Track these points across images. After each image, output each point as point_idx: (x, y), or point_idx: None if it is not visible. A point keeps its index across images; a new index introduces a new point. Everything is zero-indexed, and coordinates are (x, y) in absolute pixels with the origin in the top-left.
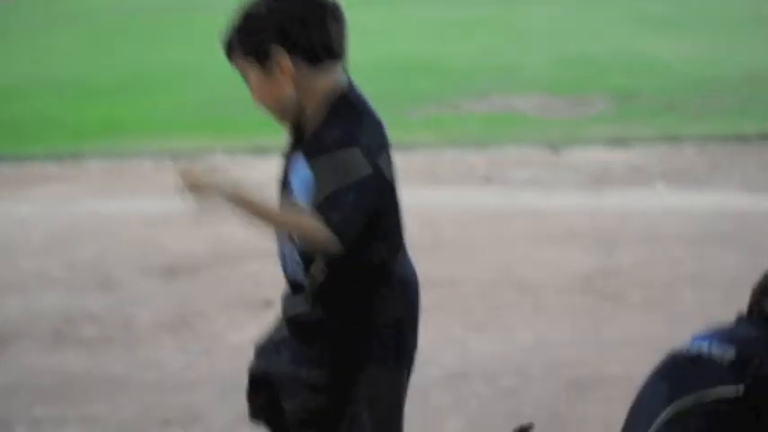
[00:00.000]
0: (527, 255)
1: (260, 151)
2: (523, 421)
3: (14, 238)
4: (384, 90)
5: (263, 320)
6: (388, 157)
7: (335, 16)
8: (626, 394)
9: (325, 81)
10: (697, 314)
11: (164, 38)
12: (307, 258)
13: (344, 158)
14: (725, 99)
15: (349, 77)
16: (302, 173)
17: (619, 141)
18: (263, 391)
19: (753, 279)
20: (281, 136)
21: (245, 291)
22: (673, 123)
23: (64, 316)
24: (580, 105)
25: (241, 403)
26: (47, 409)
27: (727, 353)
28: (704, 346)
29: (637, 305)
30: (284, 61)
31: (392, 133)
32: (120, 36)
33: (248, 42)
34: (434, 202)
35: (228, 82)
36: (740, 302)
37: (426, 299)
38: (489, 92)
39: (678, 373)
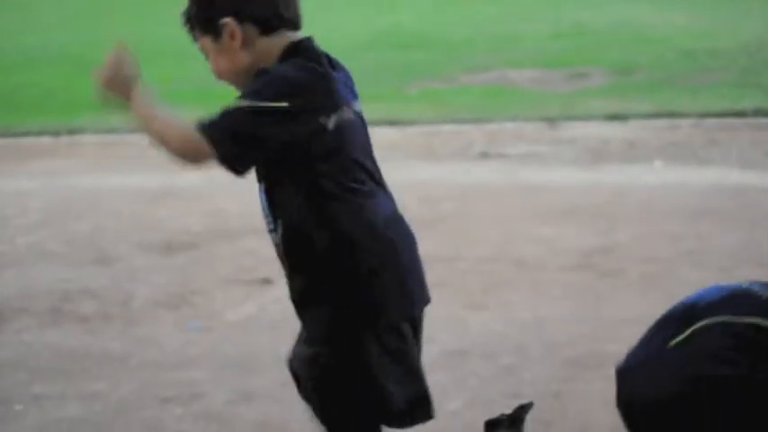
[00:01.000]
0: (525, 231)
1: None
2: (523, 400)
3: (10, 212)
4: (380, 63)
5: (261, 297)
6: (336, 98)
7: None
8: None
9: (280, 43)
10: (696, 291)
11: (157, 11)
12: (272, 213)
13: (253, 87)
14: (722, 73)
15: (309, 36)
16: None
17: (616, 116)
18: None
19: (751, 255)
20: None
21: (244, 267)
22: (670, 98)
23: (62, 292)
24: (577, 79)
25: (241, 381)
26: (46, 386)
27: (767, 291)
28: (744, 284)
29: (635, 282)
30: (235, 30)
31: (389, 107)
32: (114, 10)
33: (203, 20)
34: (432, 177)
35: None
36: (739, 278)
37: (426, 276)
38: (486, 65)
39: (715, 297)
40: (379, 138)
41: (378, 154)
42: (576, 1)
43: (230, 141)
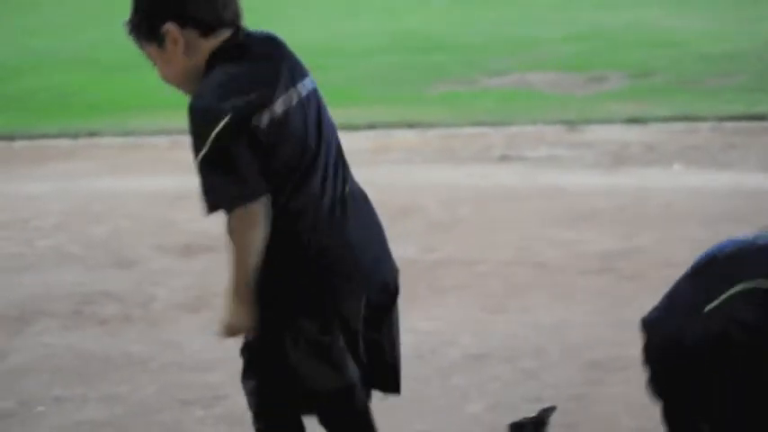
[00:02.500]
0: (545, 234)
1: None
2: (544, 403)
3: (29, 215)
4: (400, 66)
5: None
6: (263, 96)
7: None
8: (645, 376)
9: (215, 42)
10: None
11: None
12: None
13: (194, 121)
14: (739, 76)
15: (243, 30)
16: None
17: (635, 120)
18: None
19: None
20: None
21: None
22: (688, 101)
23: (82, 295)
24: (595, 82)
25: None
26: (67, 388)
27: None
28: None
29: (656, 285)
30: (177, 36)
31: (408, 109)
32: (125, 13)
33: (145, 28)
34: (451, 180)
35: None
36: None
37: (445, 279)
38: (504, 68)
39: (752, 255)
40: (399, 140)
41: (397, 156)
42: (592, 4)
43: (235, 185)
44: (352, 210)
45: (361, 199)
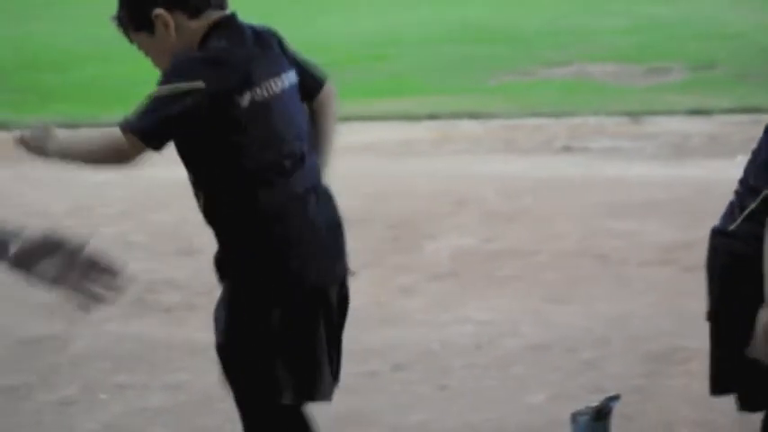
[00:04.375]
0: (607, 226)
1: None
2: (605, 394)
3: (94, 203)
4: (460, 57)
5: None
6: (245, 76)
7: None
8: (707, 368)
9: (206, 23)
10: None
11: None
12: (194, 186)
13: (168, 73)
14: None
15: (229, 14)
16: None
17: (697, 111)
18: None
19: None
20: None
21: None
22: (750, 93)
23: (146, 283)
24: (656, 73)
25: None
26: (130, 376)
27: None
28: None
29: None
30: (167, 19)
31: (470, 101)
32: None
33: (135, 17)
34: (513, 171)
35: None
36: None
37: (505, 269)
38: (565, 59)
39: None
40: (460, 131)
41: (458, 147)
42: None
43: (145, 124)
44: (322, 204)
45: (329, 197)
